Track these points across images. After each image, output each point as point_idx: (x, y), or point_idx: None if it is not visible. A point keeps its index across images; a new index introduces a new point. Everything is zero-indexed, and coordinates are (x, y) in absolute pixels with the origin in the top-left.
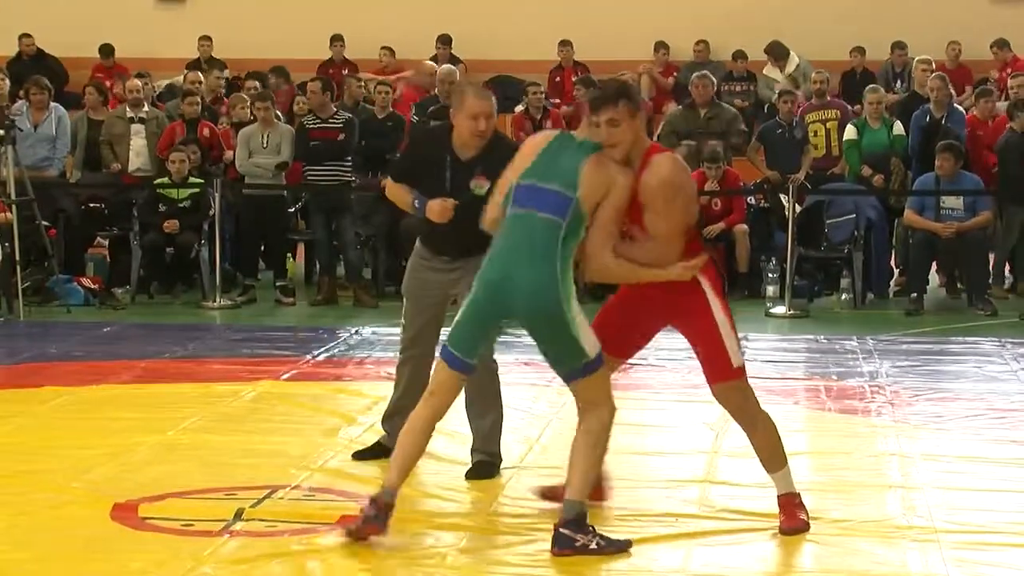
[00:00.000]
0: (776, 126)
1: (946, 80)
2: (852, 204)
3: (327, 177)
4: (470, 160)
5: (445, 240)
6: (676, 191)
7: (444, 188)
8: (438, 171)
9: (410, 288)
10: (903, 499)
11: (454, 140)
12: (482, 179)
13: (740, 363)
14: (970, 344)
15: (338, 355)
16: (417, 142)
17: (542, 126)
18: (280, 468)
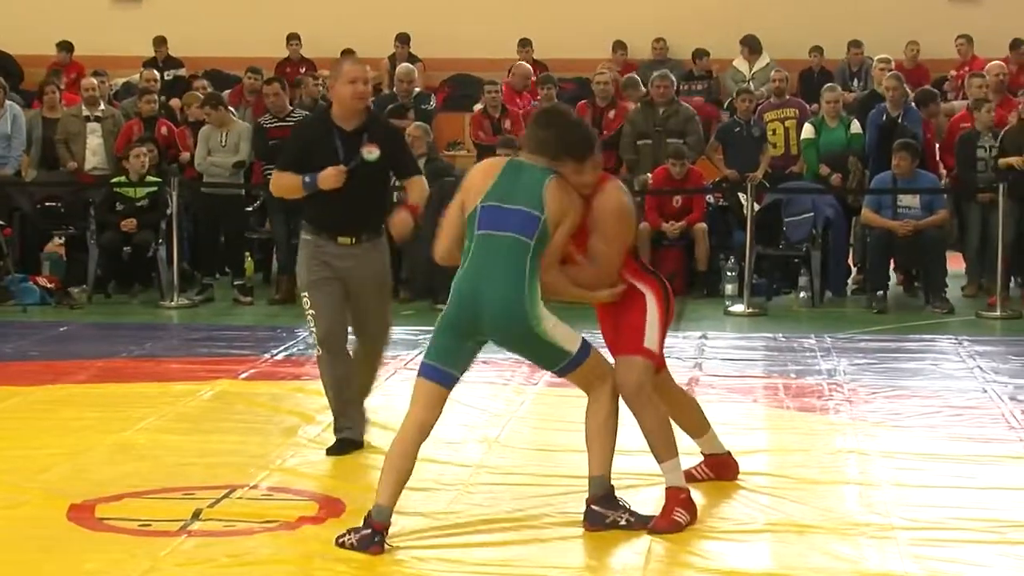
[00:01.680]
0: (734, 124)
1: (901, 79)
2: (810, 203)
3: None
4: (356, 130)
5: (343, 216)
6: (627, 216)
7: (336, 160)
8: (327, 148)
9: (312, 280)
10: (861, 496)
11: (335, 115)
12: (371, 146)
13: (653, 347)
14: (927, 342)
15: (296, 354)
16: (299, 130)
17: (501, 125)
18: (238, 467)
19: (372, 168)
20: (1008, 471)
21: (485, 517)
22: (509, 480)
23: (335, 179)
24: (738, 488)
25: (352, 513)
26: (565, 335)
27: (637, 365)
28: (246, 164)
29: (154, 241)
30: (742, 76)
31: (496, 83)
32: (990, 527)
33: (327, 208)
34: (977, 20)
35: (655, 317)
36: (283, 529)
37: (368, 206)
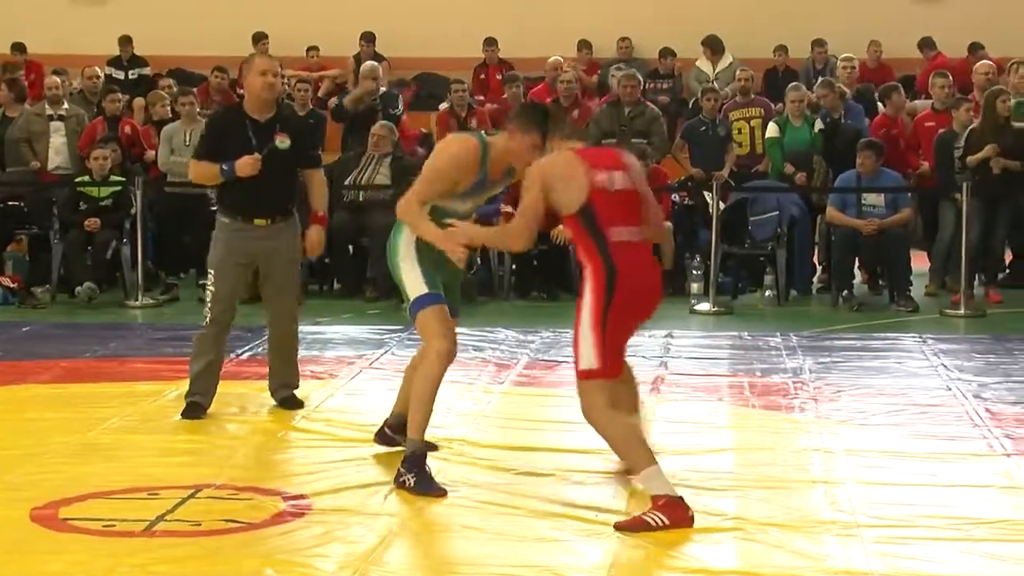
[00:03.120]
0: (700, 124)
1: (831, 86)
2: (775, 201)
3: None
4: (268, 121)
5: (259, 201)
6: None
7: (250, 148)
8: (240, 138)
9: (222, 261)
10: (826, 494)
11: (248, 108)
12: (282, 135)
13: (590, 365)
14: (891, 340)
15: (262, 354)
16: (214, 123)
17: (467, 124)
18: (204, 467)
19: (283, 156)
20: (972, 468)
21: (452, 516)
22: (475, 478)
23: (251, 167)
24: (703, 487)
25: (319, 512)
26: (412, 282)
27: (587, 392)
28: None
29: (118, 240)
30: (706, 76)
31: (463, 82)
32: (954, 524)
33: (244, 193)
34: (940, 19)
35: (588, 323)
36: (249, 529)
37: (281, 190)
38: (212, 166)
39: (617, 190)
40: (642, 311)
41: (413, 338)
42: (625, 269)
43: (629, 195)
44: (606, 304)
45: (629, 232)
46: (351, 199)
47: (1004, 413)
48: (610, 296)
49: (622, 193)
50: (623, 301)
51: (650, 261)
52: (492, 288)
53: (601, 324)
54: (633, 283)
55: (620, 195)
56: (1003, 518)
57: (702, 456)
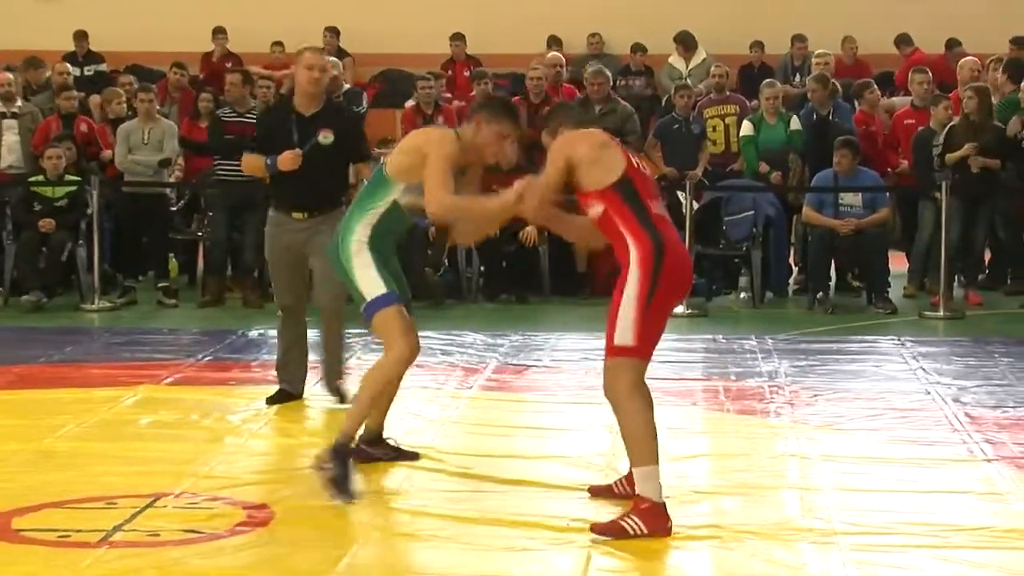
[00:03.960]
0: (673, 121)
1: (824, 81)
2: (750, 201)
3: (236, 173)
4: (313, 116)
5: (299, 194)
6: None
7: (292, 143)
8: (285, 131)
9: (270, 253)
10: (802, 501)
11: (295, 102)
12: (327, 131)
13: (625, 341)
14: (869, 343)
15: (223, 358)
16: (263, 117)
17: (434, 122)
18: (162, 475)
19: (327, 151)
20: (951, 474)
21: (420, 524)
22: (443, 486)
23: (292, 161)
24: (678, 494)
25: (281, 521)
26: (367, 281)
27: (614, 369)
28: (172, 162)
29: (73, 242)
30: (678, 73)
31: (429, 79)
32: (933, 531)
33: (287, 187)
34: (916, 15)
35: (633, 297)
36: (209, 539)
37: (324, 185)
38: (258, 159)
39: (645, 171)
40: (682, 289)
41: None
42: (671, 241)
43: (653, 181)
44: (654, 279)
45: (663, 208)
46: None
47: (984, 417)
48: (658, 270)
49: (649, 178)
50: (670, 278)
51: (681, 239)
52: (460, 290)
53: (647, 300)
54: (678, 259)
55: (649, 176)
56: (983, 525)
57: (675, 463)
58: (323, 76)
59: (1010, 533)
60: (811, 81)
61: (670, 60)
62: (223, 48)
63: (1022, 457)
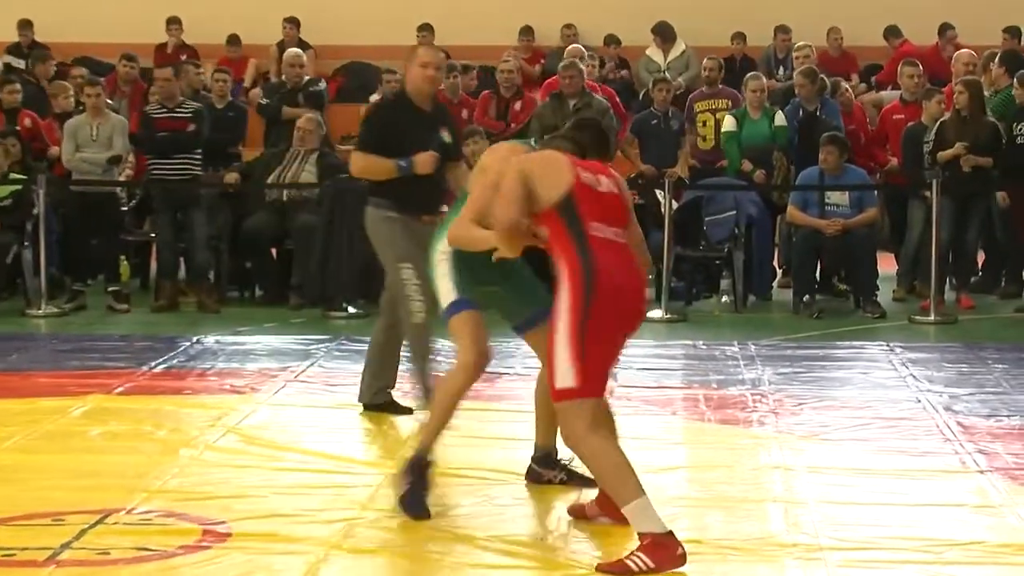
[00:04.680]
0: (651, 116)
1: (812, 75)
2: (732, 200)
3: (176, 171)
4: (432, 113)
5: (424, 196)
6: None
7: (420, 142)
8: (409, 129)
9: (413, 254)
10: (787, 514)
11: (414, 99)
12: (445, 129)
13: (567, 384)
14: (857, 349)
15: (177, 366)
16: (381, 113)
17: None
18: (114, 490)
19: (446, 150)
20: (943, 486)
21: (384, 541)
22: None
23: (432, 164)
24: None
25: (238, 538)
26: (444, 288)
27: (564, 414)
28: (122, 160)
29: (19, 244)
30: (656, 65)
31: (395, 71)
32: (924, 547)
33: (413, 189)
34: (906, 5)
35: (564, 333)
36: (163, 558)
37: (440, 186)
38: (385, 161)
39: (602, 192)
40: (627, 320)
41: (343, 348)
42: (606, 268)
43: (615, 199)
44: (585, 308)
45: (613, 232)
46: (274, 199)
47: (977, 427)
48: (589, 298)
49: (608, 196)
50: (604, 305)
51: (634, 264)
52: None
53: (579, 333)
54: (615, 284)
55: (606, 197)
56: (976, 540)
57: (654, 474)
58: (438, 75)
59: (1004, 548)
60: (799, 75)
61: (647, 52)
62: (178, 39)
63: (1017, 468)
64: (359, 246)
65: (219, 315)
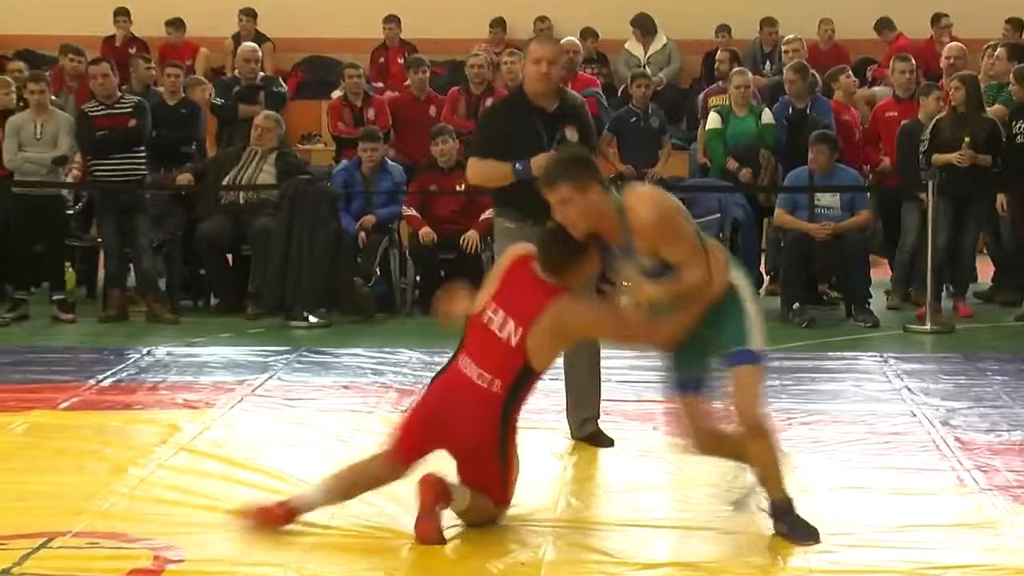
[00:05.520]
0: (629, 114)
1: (803, 71)
2: (717, 202)
3: (118, 172)
4: (555, 111)
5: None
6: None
7: (542, 143)
8: (529, 129)
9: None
10: (775, 536)
11: (532, 97)
12: (572, 128)
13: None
14: (848, 360)
15: (127, 379)
16: (497, 113)
17: (363, 114)
18: (58, 512)
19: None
20: (940, 506)
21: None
22: (373, 523)
23: None
24: (637, 528)
25: (192, 563)
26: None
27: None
28: (68, 160)
29: None
30: (636, 60)
31: (359, 66)
32: (920, 570)
33: (532, 194)
34: None
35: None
36: None
37: None
38: (501, 165)
39: (494, 332)
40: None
41: (303, 360)
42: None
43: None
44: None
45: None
46: (230, 201)
47: (976, 443)
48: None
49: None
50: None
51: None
52: (393, 303)
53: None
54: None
55: (492, 339)
56: (975, 563)
57: (634, 494)
58: (552, 69)
59: (1004, 571)
60: (789, 71)
61: (626, 46)
62: (126, 32)
63: (1017, 486)
64: (320, 251)
65: (171, 325)
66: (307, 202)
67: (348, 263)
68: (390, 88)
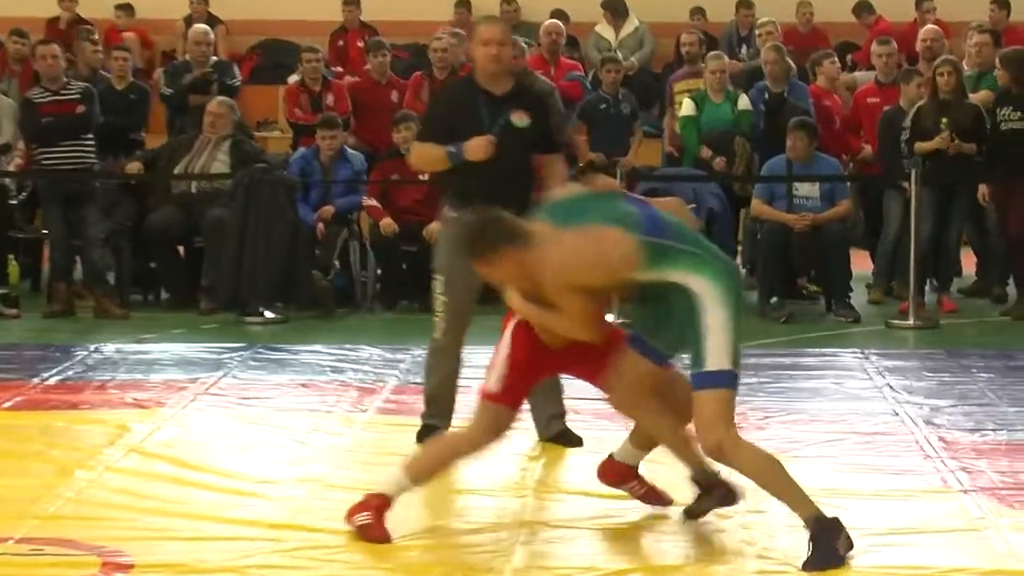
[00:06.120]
0: (599, 100)
1: (782, 51)
2: (691, 192)
3: (65, 160)
4: (505, 95)
5: (486, 189)
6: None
7: (482, 127)
8: (471, 112)
9: (451, 264)
10: (751, 539)
11: (480, 80)
12: (520, 112)
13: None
14: (828, 356)
15: (73, 377)
16: (443, 96)
17: (322, 100)
18: (1, 517)
19: (520, 136)
20: (923, 508)
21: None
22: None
23: (483, 150)
24: (608, 531)
25: (141, 569)
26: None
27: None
28: (10, 148)
29: None
30: (607, 44)
31: (318, 50)
32: (902, 574)
33: (474, 181)
34: None
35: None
36: None
37: (517, 177)
38: (437, 149)
39: None
40: None
41: (259, 357)
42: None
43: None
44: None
45: None
46: (182, 191)
47: (960, 442)
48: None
49: None
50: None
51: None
52: (353, 297)
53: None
54: None
55: None
56: (960, 566)
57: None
58: (503, 51)
59: (991, 575)
60: (767, 51)
61: (597, 29)
62: (72, 13)
63: (1003, 488)
64: (277, 243)
65: (120, 321)
66: (263, 192)
67: (306, 255)
68: (350, 73)
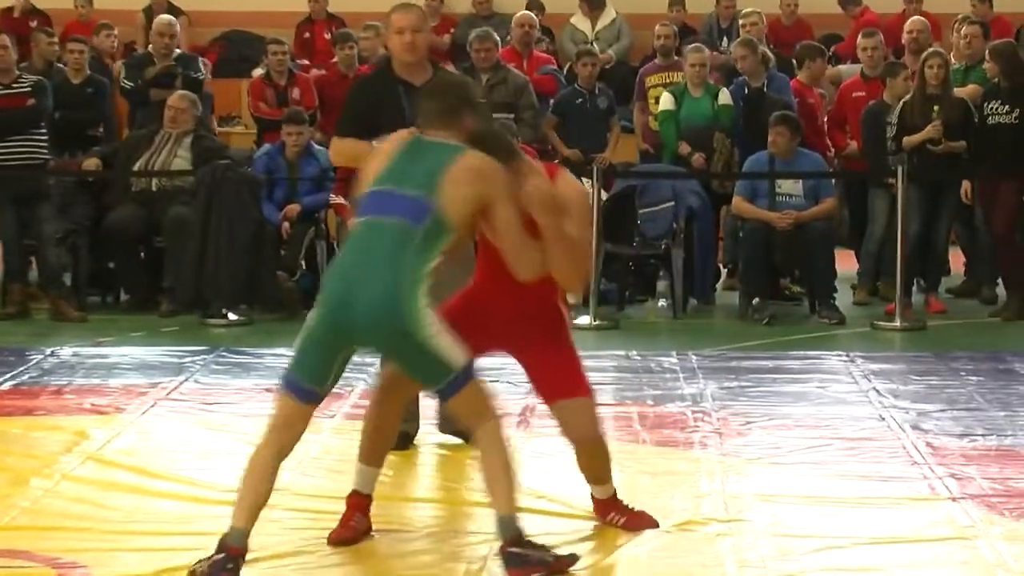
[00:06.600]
0: (575, 94)
1: (753, 45)
2: (670, 190)
3: (16, 156)
4: (424, 84)
5: None
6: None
7: (404, 119)
8: (394, 106)
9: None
10: (733, 549)
11: (398, 70)
12: None
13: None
14: (812, 359)
15: (29, 382)
16: (359, 89)
17: (287, 94)
18: None
19: None
20: (910, 516)
21: None
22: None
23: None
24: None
25: None
26: (451, 347)
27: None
28: None
29: None
30: (583, 36)
31: (283, 42)
32: None
33: None
34: None
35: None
36: None
37: None
38: (360, 144)
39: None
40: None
41: (221, 361)
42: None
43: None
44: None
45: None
46: (142, 189)
47: (948, 448)
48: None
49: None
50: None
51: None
52: None
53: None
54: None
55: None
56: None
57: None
58: (418, 38)
59: None
60: (738, 46)
61: (572, 20)
62: (26, 3)
63: (993, 495)
64: (240, 242)
65: (77, 324)
66: (226, 189)
67: (271, 255)
68: (316, 65)
